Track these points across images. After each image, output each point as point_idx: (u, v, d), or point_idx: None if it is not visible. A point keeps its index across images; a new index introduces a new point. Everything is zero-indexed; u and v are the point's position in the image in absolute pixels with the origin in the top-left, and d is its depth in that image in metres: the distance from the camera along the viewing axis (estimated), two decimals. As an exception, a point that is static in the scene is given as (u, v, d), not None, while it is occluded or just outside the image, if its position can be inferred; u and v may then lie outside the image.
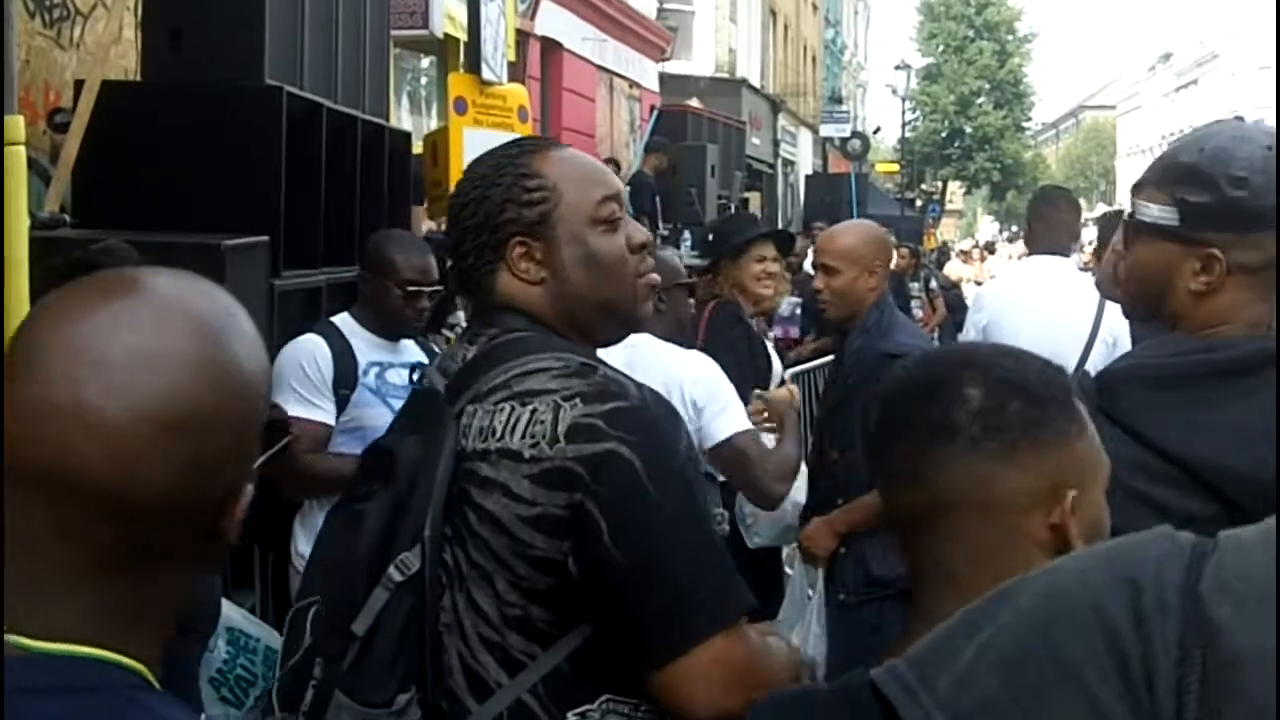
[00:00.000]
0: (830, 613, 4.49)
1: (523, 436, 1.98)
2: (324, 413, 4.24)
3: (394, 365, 4.37)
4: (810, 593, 4.63)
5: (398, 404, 4.27)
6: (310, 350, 4.28)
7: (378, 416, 4.23)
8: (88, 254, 3.47)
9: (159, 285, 1.22)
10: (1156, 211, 2.18)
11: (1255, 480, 1.92)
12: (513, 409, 2.01)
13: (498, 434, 2.00)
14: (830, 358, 9.96)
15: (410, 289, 4.34)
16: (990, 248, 25.23)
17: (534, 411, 1.99)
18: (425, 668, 2.00)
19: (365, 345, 4.36)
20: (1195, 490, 1.98)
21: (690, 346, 4.36)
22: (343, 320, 4.44)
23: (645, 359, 3.89)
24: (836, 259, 4.53)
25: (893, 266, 5.24)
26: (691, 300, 4.92)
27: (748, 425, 4.05)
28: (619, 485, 1.93)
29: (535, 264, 2.15)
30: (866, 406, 1.58)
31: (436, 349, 4.63)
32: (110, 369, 1.11)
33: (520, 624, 1.98)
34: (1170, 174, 2.18)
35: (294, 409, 4.20)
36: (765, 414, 4.33)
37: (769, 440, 4.23)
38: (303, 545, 4.29)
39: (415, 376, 2.21)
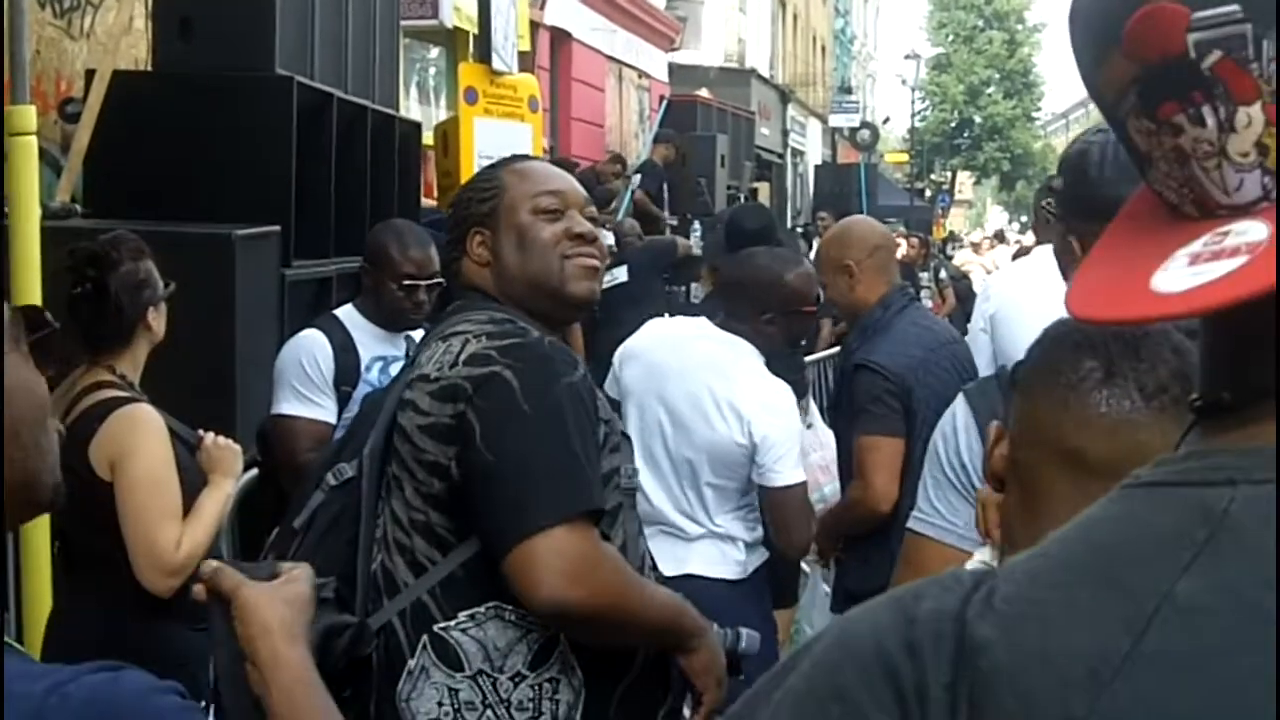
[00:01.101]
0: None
1: (434, 363, 2.32)
2: (325, 411, 4.18)
3: (398, 359, 4.29)
4: (825, 588, 4.62)
5: None
6: (310, 347, 4.23)
7: None
8: (96, 246, 3.47)
9: None
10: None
11: None
12: (435, 345, 2.37)
13: (420, 364, 2.36)
14: (838, 349, 9.96)
15: (407, 282, 4.27)
16: (1000, 236, 25.17)
17: (448, 345, 2.33)
18: (348, 565, 2.29)
19: (369, 339, 4.30)
20: None
21: (800, 366, 4.34)
22: (346, 313, 4.37)
23: (737, 372, 3.94)
24: (823, 271, 4.39)
25: (900, 256, 5.17)
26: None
27: (802, 477, 4.03)
28: (496, 399, 2.24)
29: (485, 249, 2.54)
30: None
31: None
32: None
33: (424, 529, 2.29)
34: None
35: (294, 407, 4.16)
36: None
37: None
38: None
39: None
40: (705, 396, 3.92)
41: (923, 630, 0.93)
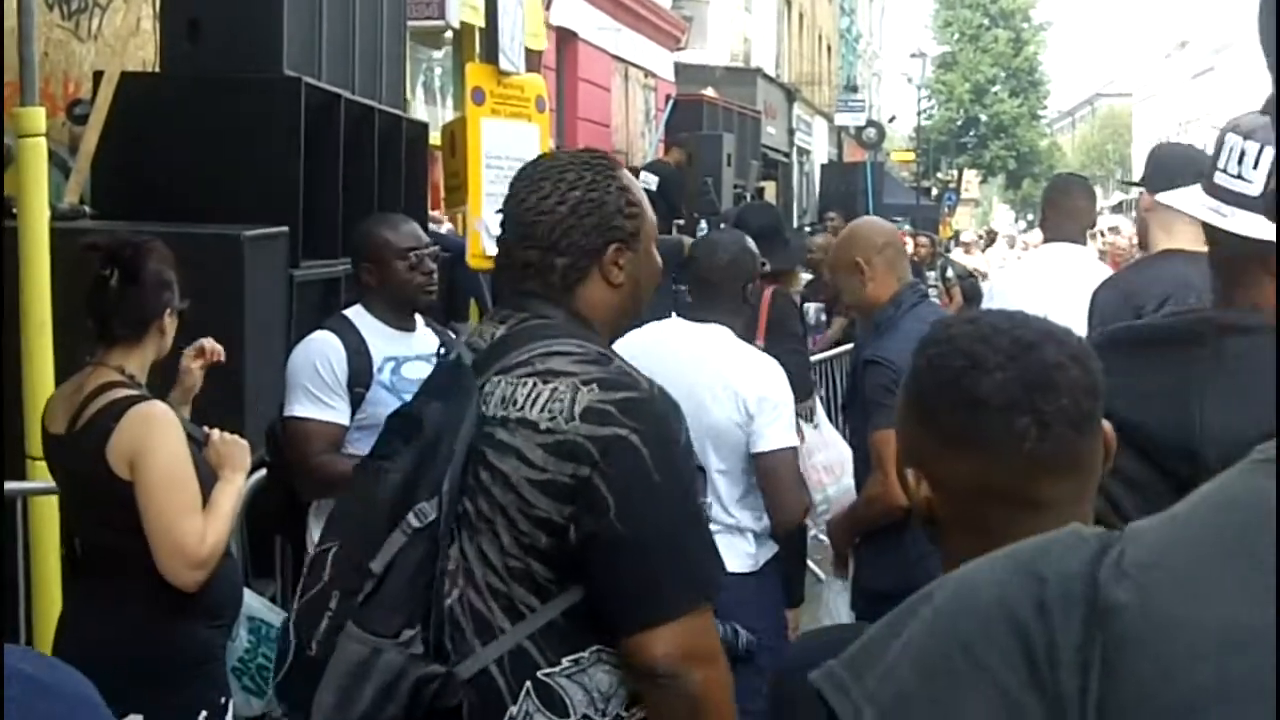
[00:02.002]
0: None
1: (541, 410, 2.22)
2: (338, 413, 4.17)
3: (410, 359, 4.30)
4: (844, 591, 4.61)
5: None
6: (323, 349, 4.21)
7: None
8: (128, 239, 3.48)
9: None
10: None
11: (1162, 438, 2.12)
12: (534, 384, 2.25)
13: (518, 404, 2.25)
14: (846, 347, 9.97)
15: (413, 255, 4.29)
16: (991, 237, 25.03)
17: (554, 390, 2.23)
18: (430, 608, 2.22)
19: (380, 339, 4.28)
20: (1123, 447, 2.07)
21: (748, 337, 4.45)
22: (356, 314, 4.35)
23: (719, 354, 4.07)
24: (834, 270, 4.50)
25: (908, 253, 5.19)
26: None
27: (793, 442, 4.15)
28: (626, 468, 2.19)
29: (621, 271, 2.39)
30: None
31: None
32: None
33: (522, 576, 2.23)
34: None
35: (307, 409, 4.16)
36: None
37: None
38: (317, 536, 4.27)
39: (440, 350, 2.47)
40: (699, 386, 3.96)
41: (1053, 590, 0.94)
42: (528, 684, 2.23)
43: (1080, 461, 1.56)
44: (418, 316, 4.42)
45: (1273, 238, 2.21)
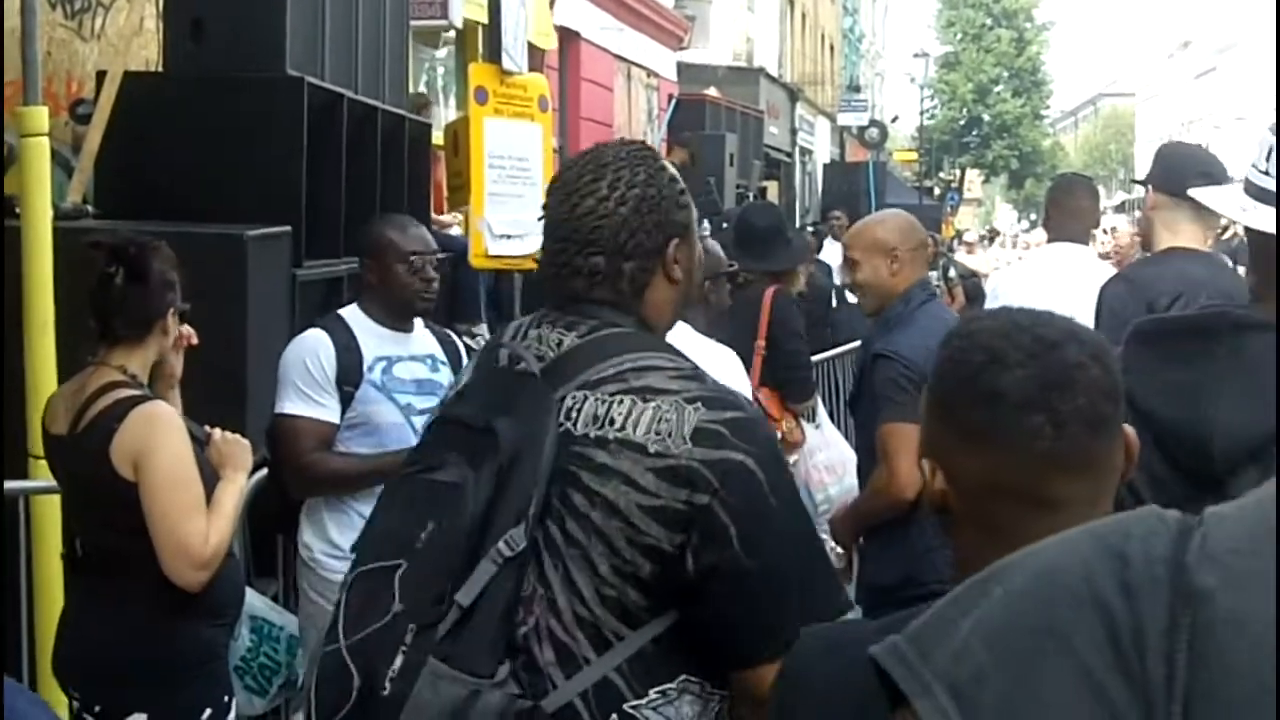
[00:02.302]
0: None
1: (647, 431, 2.09)
2: (328, 410, 4.16)
3: (403, 359, 4.29)
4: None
5: (404, 400, 4.21)
6: (314, 346, 4.20)
7: (383, 413, 4.19)
8: (134, 239, 3.48)
9: None
10: None
11: (1175, 432, 2.14)
12: (633, 402, 2.12)
13: (616, 424, 2.11)
14: (848, 347, 9.97)
15: (414, 260, 4.27)
16: (993, 235, 25.04)
17: (657, 409, 2.11)
18: (511, 640, 2.07)
19: (373, 339, 4.26)
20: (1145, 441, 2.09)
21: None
22: (350, 313, 4.34)
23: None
24: (858, 250, 4.46)
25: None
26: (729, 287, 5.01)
27: None
28: (747, 495, 2.08)
29: (679, 265, 2.29)
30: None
31: (467, 342, 4.58)
32: None
33: (614, 604, 2.09)
34: None
35: (297, 406, 4.15)
36: None
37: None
38: (309, 538, 4.27)
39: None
40: None
41: (1139, 573, 0.92)
42: (614, 717, 2.10)
43: (1095, 463, 1.55)
44: (417, 318, 4.42)
45: None
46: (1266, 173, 2.25)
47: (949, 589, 3.04)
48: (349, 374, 4.18)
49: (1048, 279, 5.50)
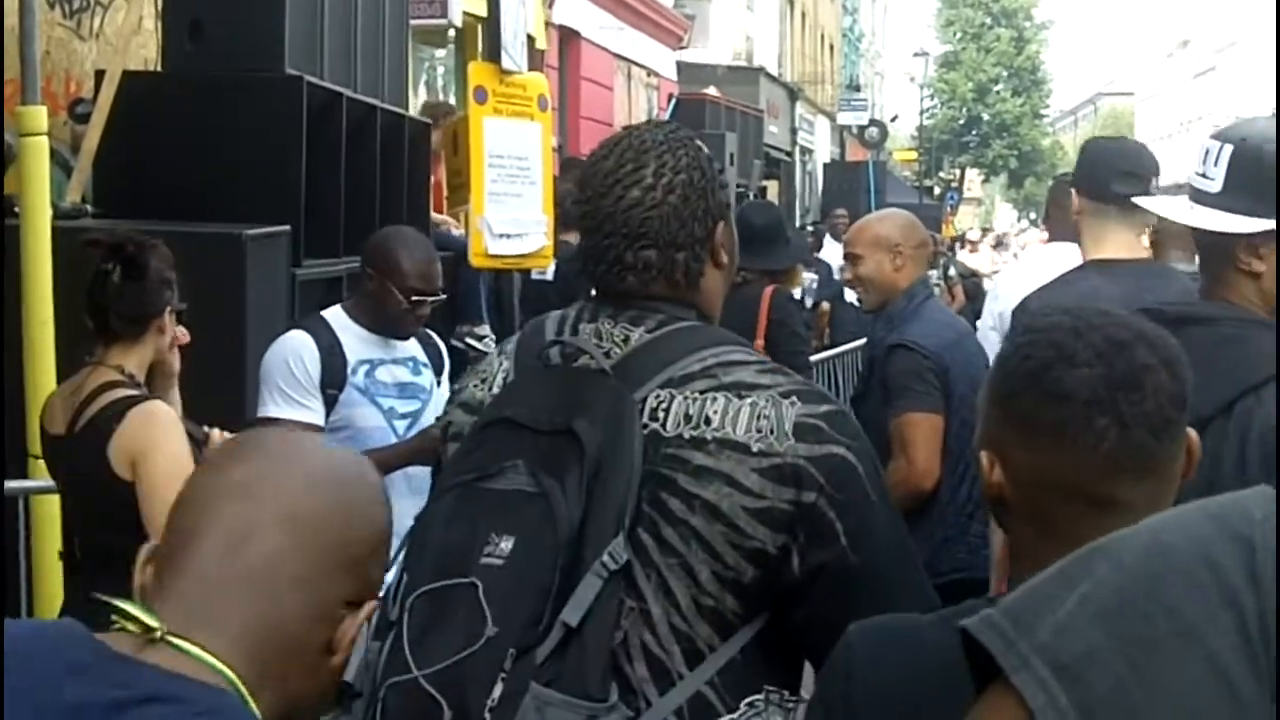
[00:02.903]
0: None
1: (747, 430, 1.99)
2: (312, 413, 4.07)
3: (385, 362, 4.22)
4: None
5: (387, 403, 4.15)
6: (296, 348, 4.11)
7: (366, 416, 4.14)
8: (133, 237, 3.47)
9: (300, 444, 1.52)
10: None
11: None
12: (728, 400, 2.01)
13: (714, 423, 2.00)
14: (848, 347, 9.97)
15: (414, 297, 4.13)
16: (999, 241, 25.02)
17: (755, 405, 2.01)
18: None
19: (356, 342, 4.17)
20: None
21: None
22: (334, 315, 4.23)
23: None
24: (861, 246, 4.49)
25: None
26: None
27: None
28: (850, 490, 2.00)
29: (724, 249, 2.19)
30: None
31: (471, 343, 4.52)
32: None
33: (711, 614, 1.99)
34: None
35: (281, 409, 4.07)
36: None
37: None
38: None
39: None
40: None
41: (1265, 560, 0.89)
42: None
43: (1156, 467, 1.53)
44: None
45: (1232, 229, 2.30)
46: (1204, 175, 2.35)
47: (966, 577, 3.06)
48: (333, 376, 4.10)
49: (1048, 279, 5.49)
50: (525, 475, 1.98)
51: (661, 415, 2.01)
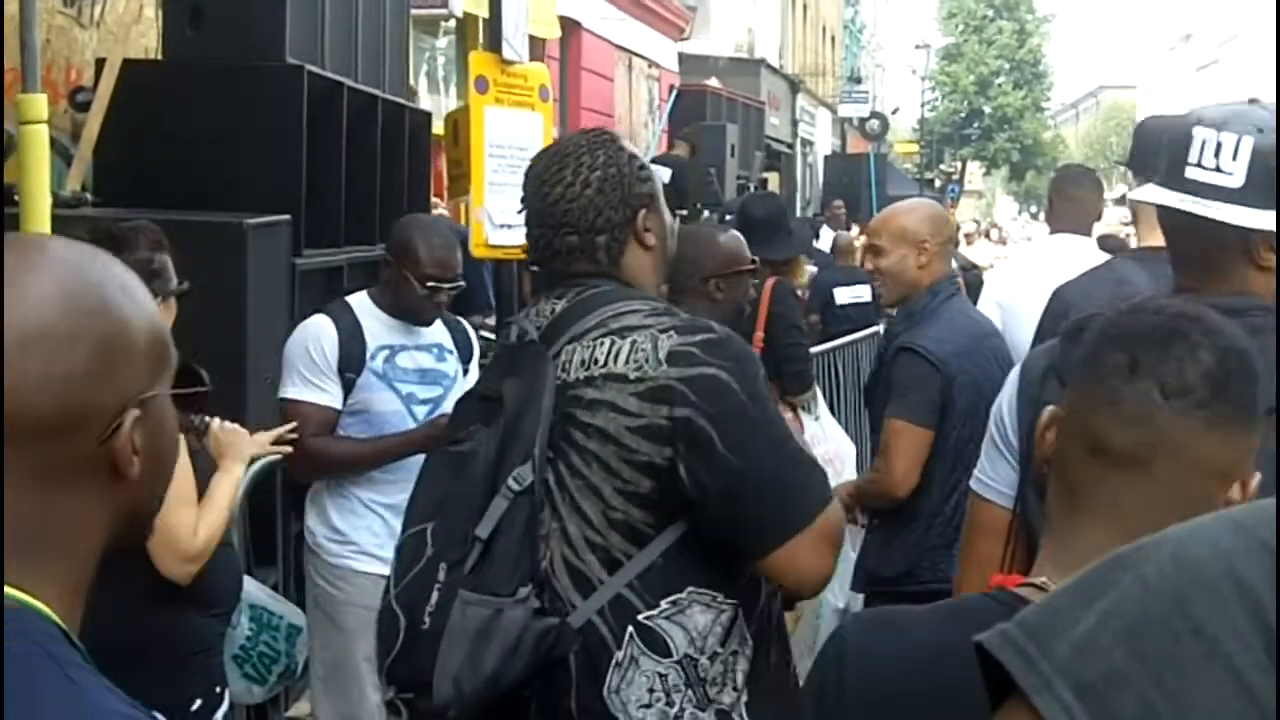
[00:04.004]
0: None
1: (626, 362, 2.33)
2: (329, 396, 4.16)
3: (408, 348, 4.28)
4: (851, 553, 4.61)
5: (406, 389, 4.21)
6: (316, 333, 4.19)
7: (383, 401, 4.19)
8: (115, 227, 3.46)
9: (40, 246, 1.28)
10: None
11: None
12: (613, 342, 2.36)
13: (600, 362, 2.35)
14: (847, 339, 9.95)
15: (430, 285, 4.20)
16: (986, 233, 25.00)
17: (634, 342, 2.35)
18: (533, 569, 2.32)
19: (379, 328, 4.24)
20: None
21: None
22: (358, 301, 4.31)
23: None
24: (885, 238, 4.34)
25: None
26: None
27: None
28: (722, 402, 2.30)
29: (650, 233, 2.54)
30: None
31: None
32: None
33: (621, 525, 2.32)
34: None
35: (300, 392, 4.15)
36: None
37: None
38: (313, 523, 4.28)
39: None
40: None
41: None
42: (630, 629, 2.32)
43: (1159, 428, 1.52)
44: None
45: (1261, 225, 2.24)
46: (1217, 169, 2.27)
47: (948, 588, 3.04)
48: (350, 361, 4.18)
49: (1049, 271, 5.48)
50: (475, 436, 2.41)
51: (568, 366, 2.38)
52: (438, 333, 4.37)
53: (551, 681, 2.33)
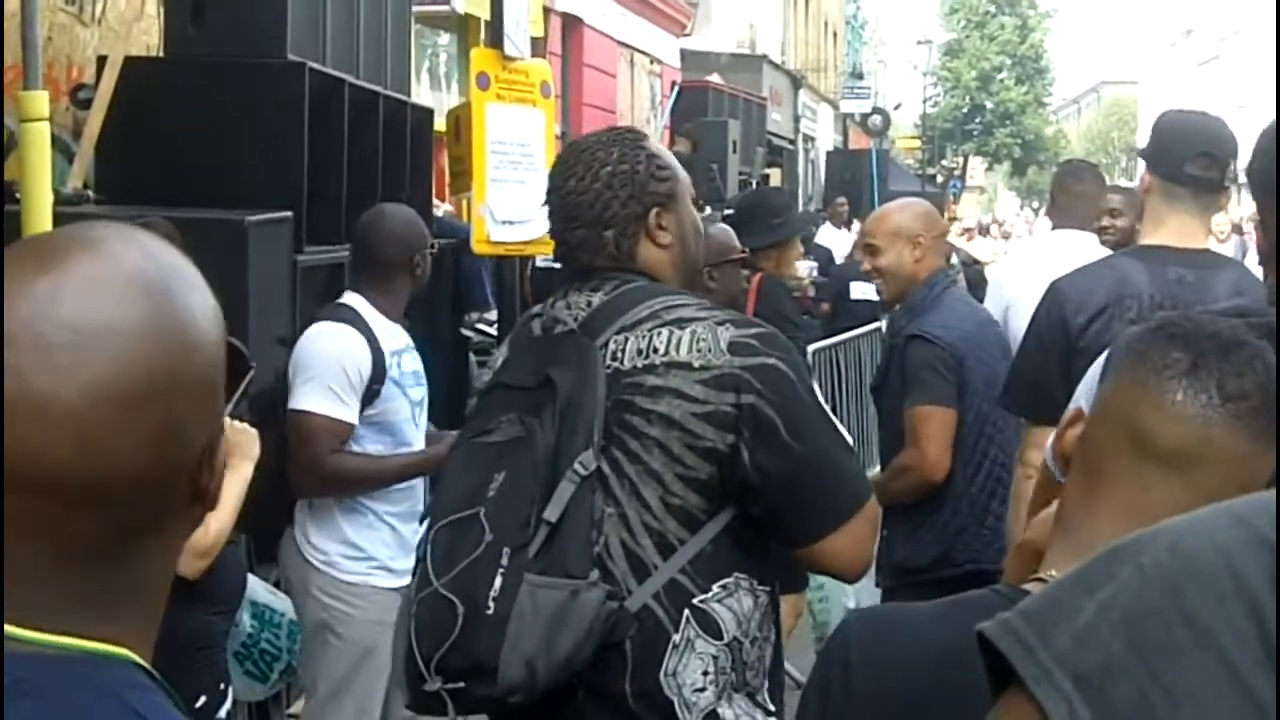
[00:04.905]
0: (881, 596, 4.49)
1: (690, 351, 2.40)
2: (349, 410, 4.08)
3: (403, 351, 4.27)
4: None
5: (412, 392, 4.20)
6: (350, 348, 4.09)
7: (398, 409, 4.18)
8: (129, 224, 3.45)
9: (96, 249, 1.09)
10: None
11: None
12: (671, 332, 2.43)
13: (661, 351, 2.41)
14: (848, 335, 9.96)
15: (416, 256, 4.31)
16: (984, 229, 24.94)
17: (694, 333, 2.42)
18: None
19: (384, 333, 4.20)
20: None
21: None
22: (360, 305, 4.23)
23: None
24: (879, 237, 4.46)
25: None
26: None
27: None
28: (784, 390, 2.40)
29: (668, 232, 2.58)
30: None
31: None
32: (55, 352, 1.01)
33: (679, 511, 2.39)
34: None
35: (325, 405, 4.04)
36: None
37: None
38: (320, 541, 4.16)
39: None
40: None
41: None
42: (686, 612, 2.39)
43: (1209, 431, 1.52)
44: None
45: None
46: None
47: (981, 568, 3.12)
48: (379, 372, 4.13)
49: (1051, 266, 5.47)
50: (516, 425, 2.42)
51: (619, 355, 2.43)
52: (406, 336, 4.36)
53: (605, 665, 2.36)
